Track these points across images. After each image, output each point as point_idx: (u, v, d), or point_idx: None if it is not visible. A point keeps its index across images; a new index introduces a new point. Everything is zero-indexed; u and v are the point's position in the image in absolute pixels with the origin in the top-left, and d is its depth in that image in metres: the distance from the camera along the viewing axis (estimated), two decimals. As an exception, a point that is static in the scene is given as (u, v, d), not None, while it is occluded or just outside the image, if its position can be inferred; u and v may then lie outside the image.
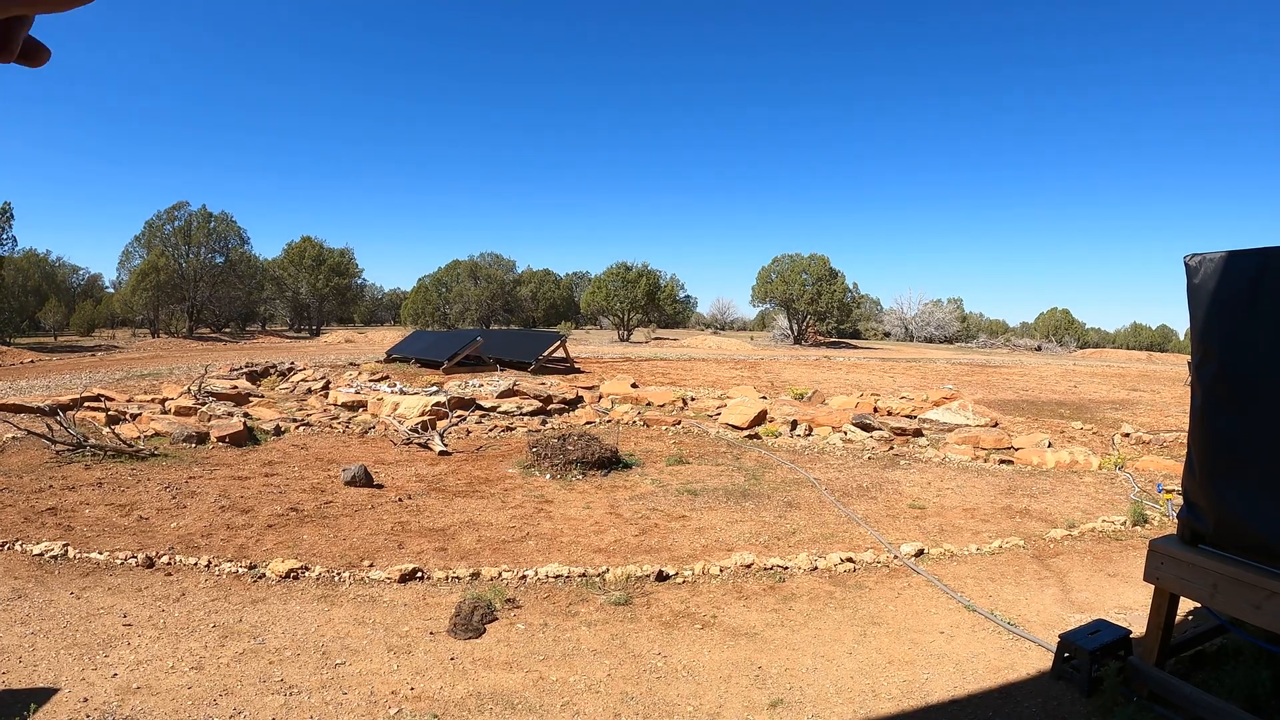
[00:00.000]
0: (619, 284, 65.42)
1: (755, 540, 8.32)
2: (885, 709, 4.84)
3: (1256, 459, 4.22)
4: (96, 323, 52.81)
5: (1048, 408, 20.51)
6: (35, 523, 7.93)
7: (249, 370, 21.79)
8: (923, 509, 9.70)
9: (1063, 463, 12.26)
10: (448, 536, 8.18)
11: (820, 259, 62.90)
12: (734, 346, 50.59)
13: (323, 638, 5.60)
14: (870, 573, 7.34)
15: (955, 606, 6.55)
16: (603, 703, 4.80)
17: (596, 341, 52.73)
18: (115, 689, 4.70)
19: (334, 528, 8.30)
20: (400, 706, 4.65)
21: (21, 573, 6.56)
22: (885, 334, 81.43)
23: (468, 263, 75.18)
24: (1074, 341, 72.33)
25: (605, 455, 11.28)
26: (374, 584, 6.67)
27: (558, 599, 6.50)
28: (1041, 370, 34.65)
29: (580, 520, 8.88)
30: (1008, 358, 49.02)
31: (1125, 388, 26.46)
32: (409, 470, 11.15)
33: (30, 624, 5.58)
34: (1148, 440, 14.94)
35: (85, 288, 62.41)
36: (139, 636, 5.47)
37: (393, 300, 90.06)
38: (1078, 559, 7.88)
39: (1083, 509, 9.84)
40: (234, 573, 6.78)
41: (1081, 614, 6.39)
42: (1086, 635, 5.19)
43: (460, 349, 24.99)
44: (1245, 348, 4.27)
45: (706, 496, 10.03)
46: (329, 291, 66.30)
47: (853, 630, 6.03)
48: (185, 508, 8.76)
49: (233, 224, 55.47)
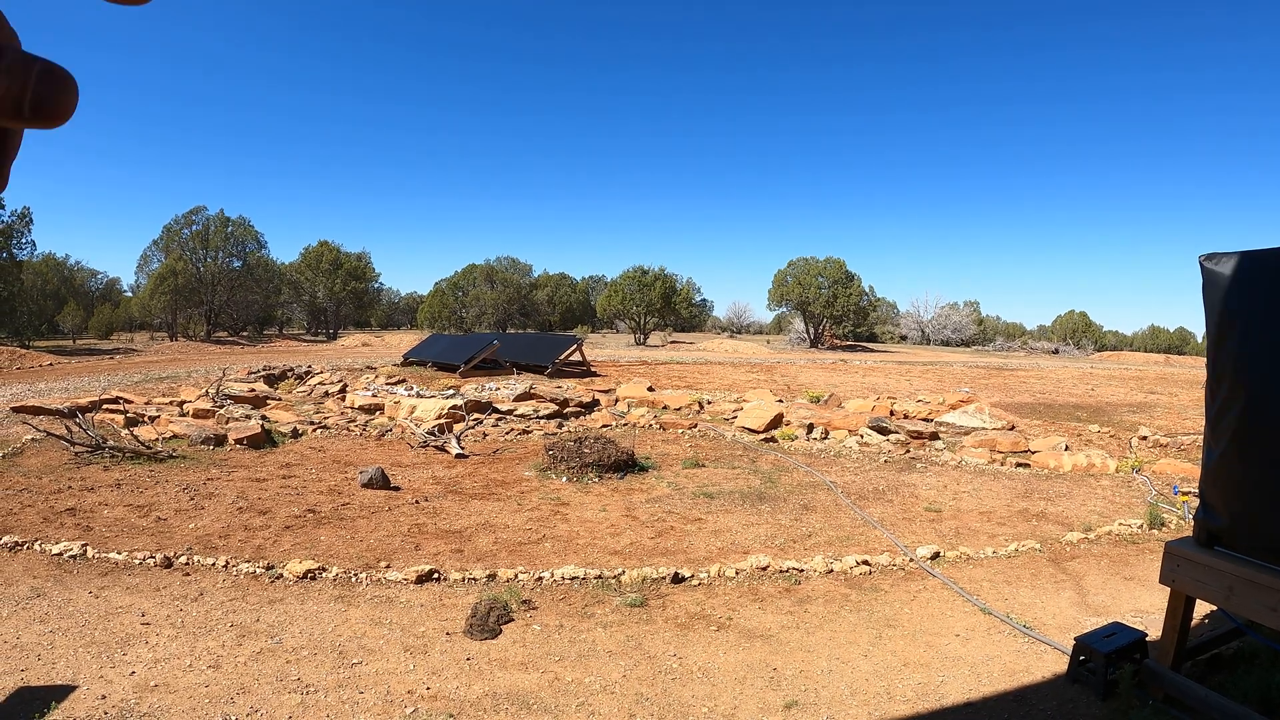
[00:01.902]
0: (635, 287, 65.37)
1: (771, 543, 8.31)
2: (900, 711, 4.84)
3: (1275, 459, 4.20)
4: (115, 326, 53.10)
5: (1064, 411, 20.40)
6: (54, 523, 8.00)
7: (266, 373, 21.94)
8: (939, 512, 9.67)
9: (1079, 466, 12.20)
10: (464, 538, 8.21)
11: (836, 262, 62.72)
12: (750, 350, 50.52)
13: (339, 637, 5.63)
14: (886, 575, 7.32)
15: (971, 609, 6.54)
16: (618, 704, 4.82)
17: (613, 345, 52.74)
18: (133, 687, 4.75)
19: (351, 529, 8.35)
20: (416, 706, 4.68)
21: (41, 572, 6.62)
22: (901, 337, 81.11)
23: (484, 266, 75.27)
24: (1091, 344, 71.85)
25: (621, 458, 11.29)
26: (391, 585, 6.71)
27: (574, 600, 6.52)
28: (1058, 373, 34.45)
29: (596, 523, 8.90)
30: (1024, 360, 48.77)
31: (1143, 390, 26.29)
32: (426, 472, 11.20)
33: (49, 622, 5.64)
34: (1165, 443, 14.84)
35: (103, 291, 62.73)
36: (157, 635, 5.52)
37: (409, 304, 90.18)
38: (1094, 562, 7.85)
39: (1099, 512, 9.79)
40: (251, 573, 6.82)
41: (1097, 617, 6.37)
42: (1102, 638, 5.17)
43: (477, 352, 25.05)
44: (1263, 348, 4.25)
45: (722, 499, 10.03)
46: (346, 295, 66.51)
47: (868, 633, 6.03)
48: (203, 509, 8.82)
49: (250, 228, 55.68)
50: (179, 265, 50.30)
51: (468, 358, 24.73)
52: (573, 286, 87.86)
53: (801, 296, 61.99)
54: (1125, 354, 60.62)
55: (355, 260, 68.23)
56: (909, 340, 79.55)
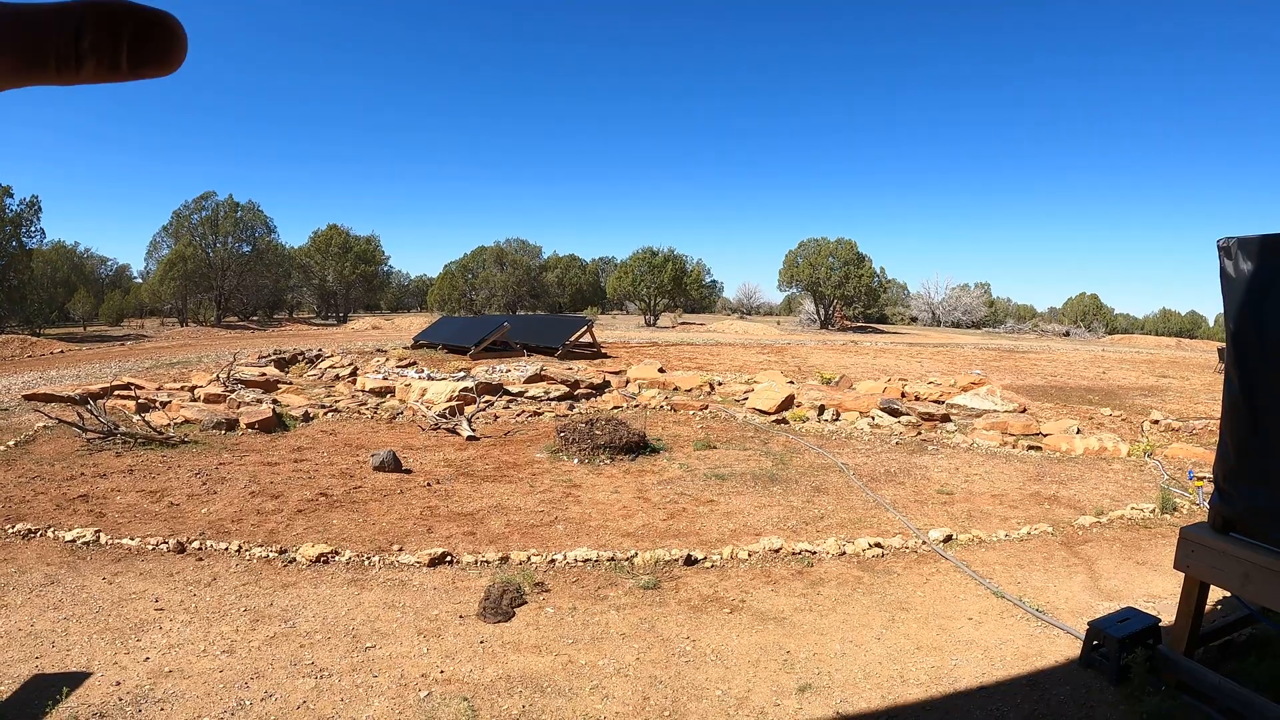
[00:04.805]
0: (645, 269, 65.35)
1: (783, 525, 8.31)
2: (914, 695, 4.83)
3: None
4: (125, 312, 53.16)
5: (1076, 394, 20.33)
6: (67, 510, 8.03)
7: (277, 358, 21.99)
8: (951, 495, 9.65)
9: (1091, 449, 12.15)
10: (476, 521, 8.22)
11: (848, 243, 62.57)
12: (760, 331, 50.47)
13: (353, 621, 5.65)
14: (898, 558, 7.31)
15: (983, 593, 6.52)
16: (631, 686, 4.82)
17: (623, 326, 52.75)
18: (147, 672, 4.77)
19: (363, 512, 8.37)
20: (430, 689, 4.69)
21: (54, 559, 6.65)
22: (912, 319, 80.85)
23: (494, 248, 75.19)
24: (1102, 327, 71.63)
25: (633, 440, 11.29)
26: (403, 568, 6.72)
27: (586, 583, 6.53)
28: (1070, 356, 34.34)
29: (608, 504, 8.91)
30: (1035, 343, 48.62)
31: (1154, 374, 26.18)
32: (437, 455, 11.21)
33: (63, 609, 5.67)
34: (1177, 427, 14.77)
35: (113, 278, 62.75)
36: (171, 620, 5.54)
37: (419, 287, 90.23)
38: (1106, 546, 7.82)
39: (1111, 496, 9.76)
40: (264, 557, 6.85)
41: (1110, 602, 6.35)
42: (1115, 623, 5.15)
43: (487, 335, 25.08)
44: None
45: (734, 481, 10.02)
46: (356, 279, 66.59)
47: (881, 616, 6.02)
48: (216, 493, 8.85)
49: (259, 213, 55.66)
50: (189, 251, 50.34)
51: (478, 340, 24.76)
52: (582, 268, 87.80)
53: (812, 277, 61.90)
54: (1136, 337, 60.34)
55: (364, 243, 68.26)
56: (919, 322, 79.29)
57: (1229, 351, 4.51)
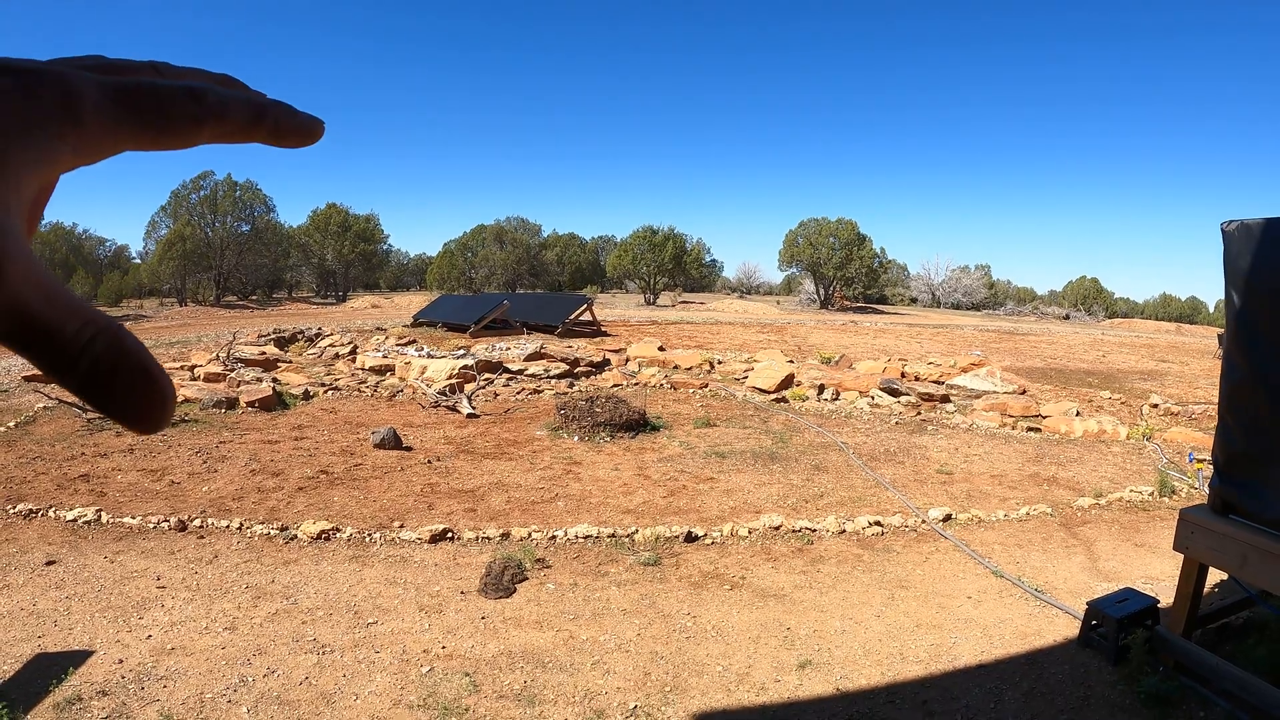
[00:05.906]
0: (645, 248, 65.24)
1: (783, 503, 8.33)
2: (913, 672, 4.86)
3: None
4: (124, 293, 52.99)
5: (1076, 376, 20.35)
6: (68, 489, 8.03)
7: (277, 336, 21.94)
8: (950, 474, 9.67)
9: (1090, 432, 12.16)
10: (477, 498, 8.24)
11: (848, 223, 62.39)
12: (760, 310, 50.44)
13: (354, 598, 5.67)
14: (898, 536, 7.34)
15: (983, 572, 6.55)
16: (633, 662, 4.85)
17: (623, 305, 52.68)
18: (150, 650, 4.79)
19: (364, 489, 8.38)
20: (432, 665, 4.71)
21: (56, 539, 6.66)
22: (912, 300, 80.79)
23: (493, 227, 74.95)
24: (1102, 311, 71.58)
25: (633, 417, 11.30)
26: (405, 544, 6.74)
27: (587, 559, 6.55)
28: (1069, 339, 34.34)
29: (609, 482, 8.92)
30: (1035, 325, 48.62)
31: (1154, 358, 26.19)
32: (437, 433, 11.22)
33: (65, 588, 5.68)
34: (1176, 412, 14.79)
35: (112, 259, 62.50)
36: (172, 598, 5.56)
37: (418, 265, 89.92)
38: (1105, 528, 7.85)
39: (1110, 478, 9.78)
40: (266, 535, 6.87)
41: (1108, 583, 6.37)
42: (1114, 604, 5.18)
43: (487, 313, 25.06)
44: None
45: (734, 459, 10.04)
46: (355, 258, 66.38)
47: (881, 593, 6.05)
48: (216, 472, 8.86)
49: (258, 192, 55.52)
50: (187, 230, 50.26)
51: (478, 318, 24.75)
52: (582, 246, 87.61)
53: (813, 257, 61.80)
54: (1136, 321, 60.26)
55: (364, 222, 67.98)
56: (919, 303, 79.24)
57: (1232, 334, 4.50)
